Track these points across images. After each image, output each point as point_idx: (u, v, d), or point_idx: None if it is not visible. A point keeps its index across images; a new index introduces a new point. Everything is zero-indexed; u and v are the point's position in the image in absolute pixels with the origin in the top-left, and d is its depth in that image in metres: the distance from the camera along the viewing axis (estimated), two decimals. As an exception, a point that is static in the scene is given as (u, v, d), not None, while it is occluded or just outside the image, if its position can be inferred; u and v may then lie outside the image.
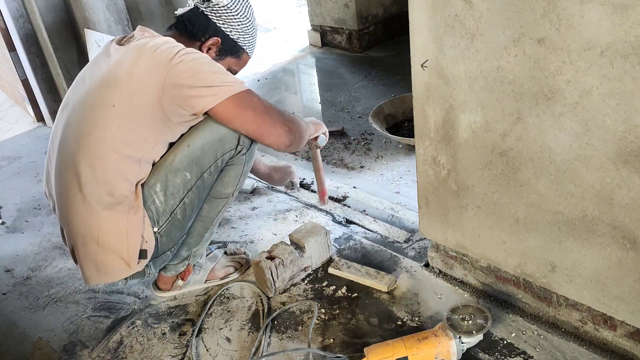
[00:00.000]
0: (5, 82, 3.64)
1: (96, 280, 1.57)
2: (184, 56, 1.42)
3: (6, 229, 2.30)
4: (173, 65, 1.40)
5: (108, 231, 1.47)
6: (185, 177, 1.52)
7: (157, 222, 1.53)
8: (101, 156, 1.44)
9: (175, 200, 1.53)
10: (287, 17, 4.89)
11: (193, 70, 1.41)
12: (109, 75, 1.47)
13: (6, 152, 3.01)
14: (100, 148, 1.44)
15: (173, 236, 1.59)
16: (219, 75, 1.45)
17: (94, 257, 1.51)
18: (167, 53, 1.42)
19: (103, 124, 1.44)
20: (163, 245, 1.58)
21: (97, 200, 1.46)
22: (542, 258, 1.41)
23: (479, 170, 1.42)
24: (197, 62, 1.43)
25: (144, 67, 1.42)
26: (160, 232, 1.55)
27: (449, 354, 1.40)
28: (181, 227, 1.59)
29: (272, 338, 1.60)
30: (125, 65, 1.45)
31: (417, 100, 1.48)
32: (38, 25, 2.88)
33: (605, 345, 1.42)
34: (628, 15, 1.00)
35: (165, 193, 1.51)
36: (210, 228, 1.70)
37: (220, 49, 1.62)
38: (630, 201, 1.16)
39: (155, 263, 1.62)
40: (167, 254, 1.62)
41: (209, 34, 1.59)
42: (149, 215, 1.51)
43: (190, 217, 1.61)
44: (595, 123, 1.14)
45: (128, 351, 1.63)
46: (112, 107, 1.43)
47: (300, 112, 3.09)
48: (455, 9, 1.25)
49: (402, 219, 2.06)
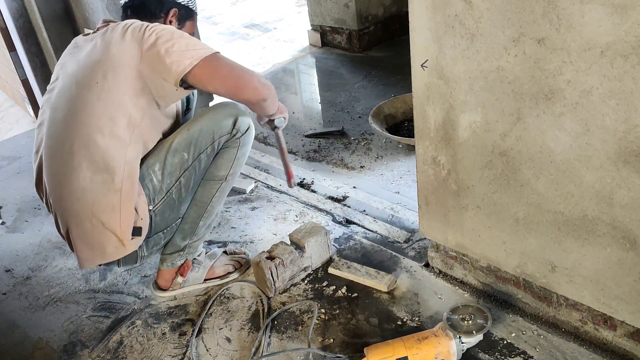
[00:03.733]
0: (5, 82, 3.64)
1: (90, 261, 1.58)
2: (153, 28, 1.50)
3: (6, 229, 2.30)
4: (147, 36, 1.48)
5: (102, 207, 1.50)
6: (183, 157, 1.58)
7: (152, 200, 1.58)
8: (91, 134, 1.49)
9: (172, 179, 1.59)
10: (287, 17, 4.88)
11: (165, 38, 1.48)
12: (87, 60, 1.54)
13: (6, 152, 3.01)
14: (89, 126, 1.49)
15: (166, 217, 1.63)
16: (190, 40, 1.51)
17: (88, 237, 1.54)
18: (137, 29, 1.51)
19: (90, 102, 1.50)
20: (156, 225, 1.62)
21: (90, 177, 1.49)
22: (542, 258, 1.41)
23: (479, 170, 1.42)
24: (166, 31, 1.50)
25: (119, 44, 1.50)
26: (155, 210, 1.59)
27: (449, 354, 1.40)
28: (175, 208, 1.64)
29: (272, 338, 1.60)
30: (100, 48, 1.53)
31: (417, 100, 1.48)
32: (38, 25, 2.87)
33: (605, 345, 1.42)
34: (628, 15, 1.00)
35: (163, 172, 1.57)
36: (205, 216, 1.71)
37: (179, 17, 1.71)
38: (630, 201, 1.16)
39: (147, 244, 1.65)
40: (159, 234, 1.65)
41: (166, 8, 1.68)
42: (145, 193, 1.56)
43: (185, 199, 1.65)
44: (595, 123, 1.14)
45: (128, 351, 1.63)
46: (96, 85, 1.49)
47: (300, 112, 3.10)
48: (455, 9, 1.25)
49: (402, 219, 2.06)
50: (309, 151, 2.64)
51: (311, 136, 2.77)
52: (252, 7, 5.30)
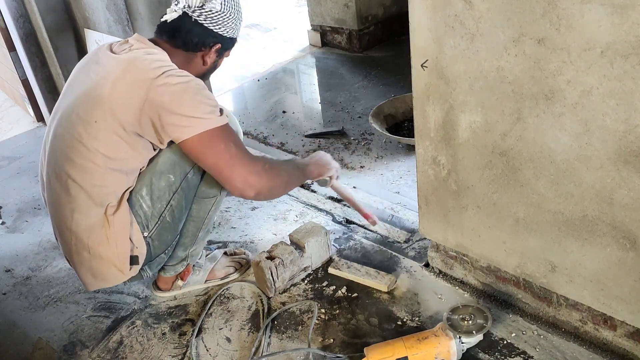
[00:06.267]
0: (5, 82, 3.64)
1: (94, 285, 1.59)
2: (168, 78, 1.37)
3: (6, 229, 2.30)
4: (156, 86, 1.36)
5: (97, 240, 1.49)
6: (170, 180, 1.51)
7: (146, 227, 1.54)
8: (87, 169, 1.44)
9: (162, 203, 1.53)
10: (287, 17, 4.88)
11: (175, 96, 1.36)
12: (93, 91, 1.43)
13: (6, 152, 3.01)
14: (85, 161, 1.44)
15: (165, 239, 1.59)
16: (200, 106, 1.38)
17: (88, 265, 1.54)
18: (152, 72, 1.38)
19: (87, 138, 1.42)
20: (156, 249, 1.59)
21: (85, 211, 1.47)
22: (542, 258, 1.41)
23: (479, 170, 1.42)
24: (180, 87, 1.38)
25: (128, 84, 1.39)
26: (151, 236, 1.55)
27: (449, 354, 1.40)
28: (172, 230, 1.59)
29: (272, 338, 1.60)
30: (109, 81, 1.41)
31: (417, 100, 1.48)
32: (38, 25, 2.87)
33: (605, 345, 1.42)
34: (628, 15, 1.00)
35: (152, 197, 1.51)
36: (204, 228, 1.69)
37: (220, 50, 1.59)
38: (630, 201, 1.16)
39: (151, 266, 1.63)
40: (161, 256, 1.63)
41: (209, 43, 1.53)
42: (137, 221, 1.52)
43: (180, 219, 1.60)
44: (595, 123, 1.14)
45: (128, 351, 1.63)
46: (95, 123, 1.41)
47: (300, 112, 3.10)
48: (455, 9, 1.25)
49: (402, 219, 2.06)
50: (309, 151, 2.64)
51: (311, 136, 2.77)
52: (252, 7, 5.30)
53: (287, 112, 3.08)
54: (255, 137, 2.82)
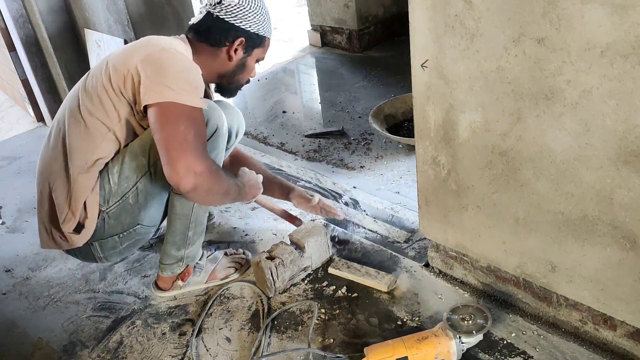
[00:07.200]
0: (5, 82, 3.64)
1: (46, 244, 1.67)
2: (167, 52, 1.44)
3: (6, 229, 2.30)
4: (154, 52, 1.44)
5: (58, 191, 1.55)
6: (141, 162, 1.53)
7: (107, 202, 1.56)
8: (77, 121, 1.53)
9: (129, 183, 1.54)
10: (287, 17, 4.89)
11: (162, 63, 1.41)
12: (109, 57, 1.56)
13: (6, 152, 3.01)
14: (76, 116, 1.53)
15: (122, 220, 1.60)
16: (178, 81, 1.39)
17: (44, 219, 1.62)
18: (157, 46, 1.47)
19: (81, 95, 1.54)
20: (110, 228, 1.60)
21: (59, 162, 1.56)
22: (542, 258, 1.41)
23: (479, 170, 1.42)
24: (172, 60, 1.42)
25: (132, 50, 1.49)
26: (108, 212, 1.57)
27: (449, 354, 1.40)
28: (132, 213, 1.59)
29: (272, 338, 1.60)
30: (122, 52, 1.53)
31: (417, 100, 1.48)
32: (38, 25, 2.88)
33: (605, 345, 1.42)
34: (628, 15, 1.00)
35: (120, 175, 1.54)
36: (192, 227, 1.66)
37: (246, 46, 1.60)
38: (630, 201, 1.16)
39: (102, 246, 1.64)
40: (114, 238, 1.63)
41: (231, 37, 1.56)
42: (100, 194, 1.54)
43: (145, 206, 1.59)
44: (595, 123, 1.14)
45: (128, 351, 1.63)
46: (91, 86, 1.52)
47: (300, 112, 3.10)
48: (455, 9, 1.25)
49: (402, 219, 2.06)
50: (309, 151, 2.64)
51: (311, 136, 2.77)
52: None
53: (287, 112, 3.08)
54: (255, 137, 2.82)
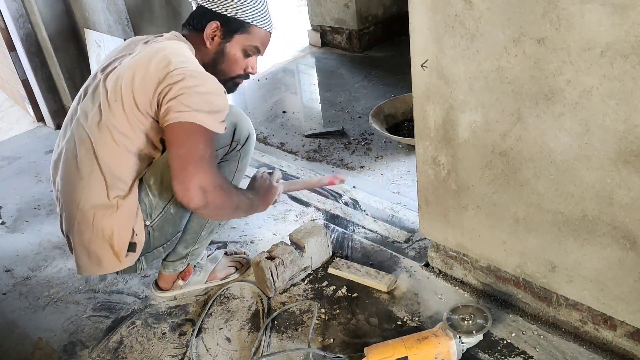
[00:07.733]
0: (5, 82, 3.64)
1: (88, 270, 1.58)
2: (185, 70, 1.41)
3: (6, 229, 2.30)
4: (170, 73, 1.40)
5: (102, 219, 1.49)
6: None
7: (149, 216, 1.54)
8: (104, 144, 1.47)
9: (169, 194, 1.52)
10: (287, 17, 4.89)
11: (187, 82, 1.39)
12: (121, 71, 1.49)
13: (6, 152, 3.01)
14: (103, 136, 1.46)
15: (165, 231, 1.59)
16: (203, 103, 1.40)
17: (87, 246, 1.53)
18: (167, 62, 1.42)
19: (105, 114, 1.46)
20: (155, 240, 1.59)
21: (97, 190, 1.48)
22: (542, 258, 1.41)
23: (479, 170, 1.42)
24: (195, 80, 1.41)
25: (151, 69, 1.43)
26: (152, 225, 1.55)
27: (449, 354, 1.40)
28: (174, 223, 1.59)
29: (272, 338, 1.60)
30: (134, 67, 1.46)
31: (417, 100, 1.48)
32: (38, 25, 2.88)
33: (605, 345, 1.42)
34: (628, 15, 1.00)
35: (160, 187, 1.52)
36: (207, 227, 1.69)
37: (224, 31, 1.57)
38: (630, 201, 1.16)
39: (147, 258, 1.63)
40: (159, 249, 1.63)
41: (205, 22, 1.54)
42: (142, 209, 1.52)
43: (184, 214, 1.60)
44: (595, 123, 1.14)
45: (128, 351, 1.63)
46: (115, 102, 1.45)
47: (300, 112, 3.10)
48: (455, 9, 1.25)
49: (402, 219, 2.06)
50: (309, 151, 2.64)
51: (311, 136, 2.77)
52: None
53: (287, 112, 3.08)
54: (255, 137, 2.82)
